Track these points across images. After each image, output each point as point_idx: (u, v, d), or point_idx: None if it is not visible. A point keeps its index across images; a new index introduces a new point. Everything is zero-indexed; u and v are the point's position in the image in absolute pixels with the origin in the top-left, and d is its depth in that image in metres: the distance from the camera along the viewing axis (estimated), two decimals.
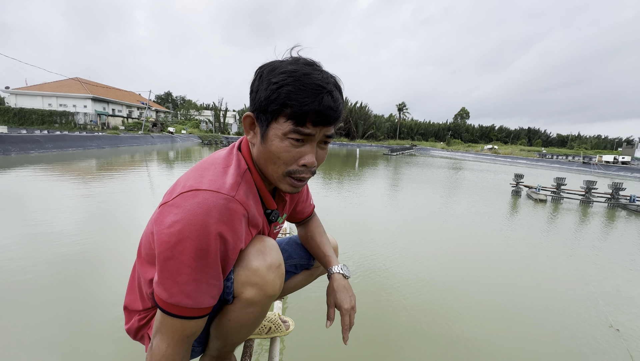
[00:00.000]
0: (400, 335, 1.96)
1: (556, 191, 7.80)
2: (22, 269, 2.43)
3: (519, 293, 2.61)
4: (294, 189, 0.73)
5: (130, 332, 0.85)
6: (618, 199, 7.35)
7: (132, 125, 32.80)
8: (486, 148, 43.45)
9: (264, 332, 1.26)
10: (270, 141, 0.67)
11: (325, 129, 0.67)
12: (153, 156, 13.64)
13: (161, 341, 0.67)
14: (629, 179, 17.43)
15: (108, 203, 4.70)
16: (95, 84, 38.01)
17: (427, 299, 2.38)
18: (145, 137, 23.40)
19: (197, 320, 0.67)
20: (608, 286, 2.83)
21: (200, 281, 0.63)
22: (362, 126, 52.28)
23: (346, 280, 0.94)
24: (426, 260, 3.15)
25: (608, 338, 2.03)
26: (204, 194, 0.62)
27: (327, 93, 0.63)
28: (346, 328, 0.87)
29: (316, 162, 0.70)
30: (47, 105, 33.72)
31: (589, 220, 5.73)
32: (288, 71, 0.63)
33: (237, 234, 0.66)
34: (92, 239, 3.14)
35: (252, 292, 0.73)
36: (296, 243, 1.12)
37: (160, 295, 0.64)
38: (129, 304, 0.84)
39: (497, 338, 1.98)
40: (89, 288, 2.26)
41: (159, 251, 0.62)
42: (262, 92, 0.65)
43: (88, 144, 16.45)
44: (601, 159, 28.09)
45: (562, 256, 3.57)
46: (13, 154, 11.49)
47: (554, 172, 17.82)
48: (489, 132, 65.07)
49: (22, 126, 28.79)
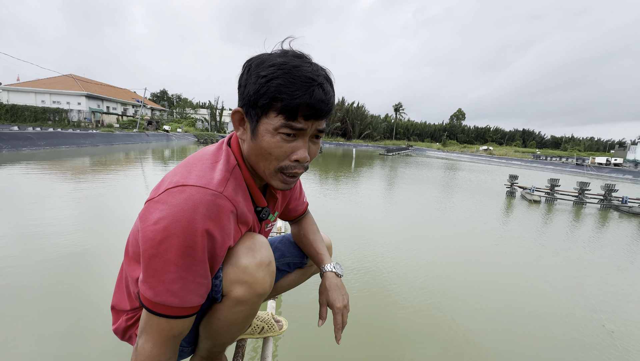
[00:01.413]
0: (396, 336, 1.95)
1: (550, 192, 7.87)
2: (13, 268, 2.38)
3: (513, 293, 2.62)
4: (286, 185, 0.71)
5: (117, 332, 0.83)
6: (610, 201, 7.44)
7: (127, 123, 32.50)
8: (481, 149, 43.82)
9: (257, 332, 1.24)
10: (260, 136, 0.65)
11: (317, 123, 0.66)
12: (148, 154, 13.51)
13: (146, 341, 0.64)
14: (621, 180, 17.68)
15: (100, 200, 4.64)
16: (90, 81, 37.63)
17: (423, 299, 2.37)
18: (140, 135, 23.19)
19: (184, 320, 0.65)
20: (601, 286, 2.85)
21: (187, 280, 0.61)
22: (359, 126, 52.39)
23: (339, 279, 0.93)
24: (422, 260, 3.15)
25: (602, 338, 2.04)
26: (191, 189, 0.60)
27: (318, 86, 0.62)
28: (339, 327, 0.85)
29: (309, 157, 0.68)
30: (40, 102, 33.28)
31: (583, 221, 5.79)
32: (277, 64, 0.61)
33: (225, 231, 0.64)
34: (83, 238, 3.09)
35: (241, 290, 0.71)
36: (289, 241, 1.11)
37: (145, 294, 0.62)
38: (117, 304, 0.82)
39: (493, 338, 1.99)
40: (80, 286, 2.22)
41: (144, 248, 0.60)
42: (250, 86, 0.63)
43: (82, 141, 16.25)
44: (594, 161, 28.46)
45: (556, 256, 3.60)
46: (4, 151, 11.30)
47: (548, 173, 18.01)
48: (484, 133, 65.66)
49: (14, 122, 28.33)
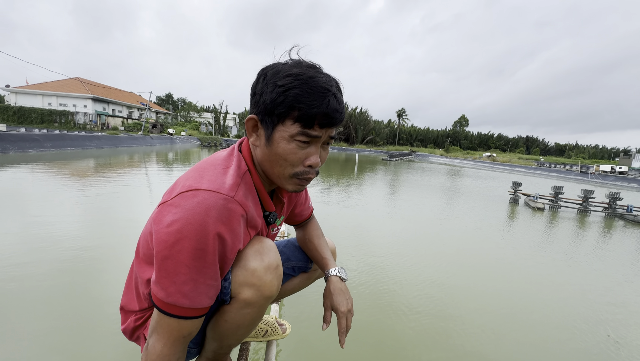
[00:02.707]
0: (400, 341, 1.95)
1: (554, 200, 7.82)
2: (20, 269, 2.41)
3: (519, 301, 2.60)
4: (300, 187, 0.74)
5: (126, 332, 0.84)
6: (615, 209, 7.37)
7: (131, 126, 32.82)
8: (484, 156, 43.63)
9: (261, 335, 1.25)
10: (276, 143, 0.67)
11: (330, 130, 0.69)
12: (152, 157, 13.61)
13: (157, 341, 0.66)
14: (626, 189, 17.51)
15: (106, 202, 4.68)
16: (96, 84, 38.11)
17: (428, 306, 2.37)
18: (145, 138, 23.39)
19: (193, 320, 0.67)
20: (607, 295, 2.83)
21: (198, 281, 0.63)
22: (362, 131, 52.42)
23: (343, 283, 0.94)
24: (428, 267, 3.14)
25: (607, 349, 2.03)
26: (203, 194, 0.62)
27: (332, 96, 0.65)
28: (342, 331, 0.86)
29: (320, 162, 0.72)
30: (47, 104, 33.73)
31: (587, 229, 5.75)
32: (294, 74, 0.64)
33: (236, 234, 0.66)
34: (90, 239, 3.12)
35: (249, 293, 0.72)
36: (294, 246, 1.12)
37: (157, 294, 0.63)
38: (126, 304, 0.84)
39: (498, 346, 1.98)
40: (88, 287, 2.24)
41: (157, 250, 0.62)
42: (267, 94, 0.65)
43: (87, 144, 16.42)
44: (599, 168, 28.21)
45: (561, 264, 3.57)
46: (11, 152, 11.45)
47: (552, 180, 17.89)
48: (488, 140, 65.40)
49: (21, 124, 28.73)
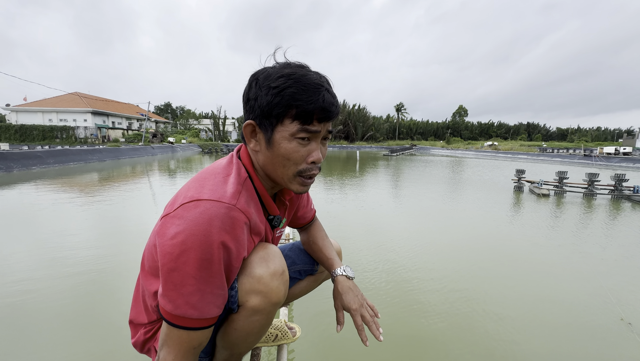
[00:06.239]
0: (421, 343, 1.93)
1: (559, 185, 7.76)
2: (28, 285, 2.43)
3: (533, 287, 2.58)
4: (304, 188, 0.75)
5: (136, 346, 0.85)
6: (621, 191, 7.30)
7: (132, 137, 33.01)
8: (486, 145, 43.39)
9: (271, 340, 1.25)
10: (277, 144, 0.68)
11: (327, 124, 0.71)
12: (154, 167, 13.68)
13: (168, 353, 0.66)
14: (631, 170, 17.33)
15: (112, 215, 4.70)
16: (95, 98, 38.40)
17: (451, 305, 2.34)
18: (146, 148, 23.51)
19: (203, 331, 0.67)
20: (618, 279, 2.80)
21: (205, 292, 0.63)
22: (361, 128, 52.39)
23: (351, 281, 0.94)
24: (447, 263, 3.12)
25: (620, 331, 2.01)
26: (206, 203, 0.62)
27: (326, 90, 0.67)
28: (361, 329, 0.86)
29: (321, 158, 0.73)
30: (48, 120, 34.06)
31: (594, 213, 5.69)
32: (285, 75, 0.65)
33: (240, 242, 0.66)
34: (100, 253, 3.14)
35: (256, 300, 0.73)
36: (299, 249, 1.12)
37: (165, 307, 0.64)
38: (134, 318, 0.84)
39: (515, 333, 1.96)
40: (96, 302, 2.26)
41: (162, 262, 0.62)
42: (262, 98, 0.66)
43: (89, 157, 16.53)
44: (602, 151, 27.92)
45: (570, 249, 3.54)
46: (15, 170, 11.55)
47: (556, 166, 17.76)
48: (489, 128, 65.04)
49: (23, 142, 29.03)
